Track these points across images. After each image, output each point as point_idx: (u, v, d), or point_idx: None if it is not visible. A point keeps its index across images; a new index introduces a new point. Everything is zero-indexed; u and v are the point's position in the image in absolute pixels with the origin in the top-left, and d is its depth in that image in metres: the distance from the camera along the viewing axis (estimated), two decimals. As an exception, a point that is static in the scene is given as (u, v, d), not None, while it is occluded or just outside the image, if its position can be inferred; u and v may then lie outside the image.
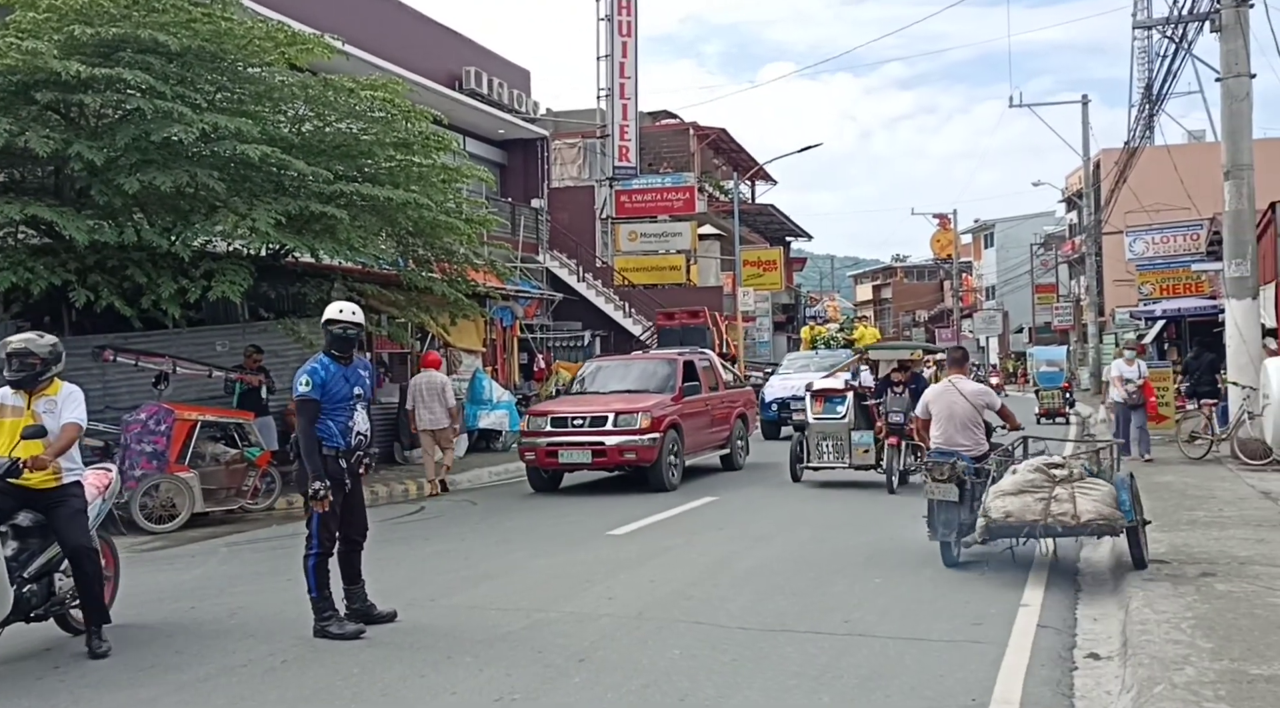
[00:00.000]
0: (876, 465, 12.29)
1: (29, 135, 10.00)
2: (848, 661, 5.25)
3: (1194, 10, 14.75)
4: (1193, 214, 29.06)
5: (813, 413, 12.62)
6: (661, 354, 15.41)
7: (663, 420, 12.61)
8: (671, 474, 12.69)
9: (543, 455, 12.60)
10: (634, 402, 12.81)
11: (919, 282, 79.85)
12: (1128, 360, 14.95)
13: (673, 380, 13.57)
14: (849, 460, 12.41)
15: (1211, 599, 5.93)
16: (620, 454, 12.27)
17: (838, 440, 12.48)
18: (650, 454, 12.32)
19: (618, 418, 12.41)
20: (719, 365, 15.70)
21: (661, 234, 31.66)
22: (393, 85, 13.29)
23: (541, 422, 12.85)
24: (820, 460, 12.57)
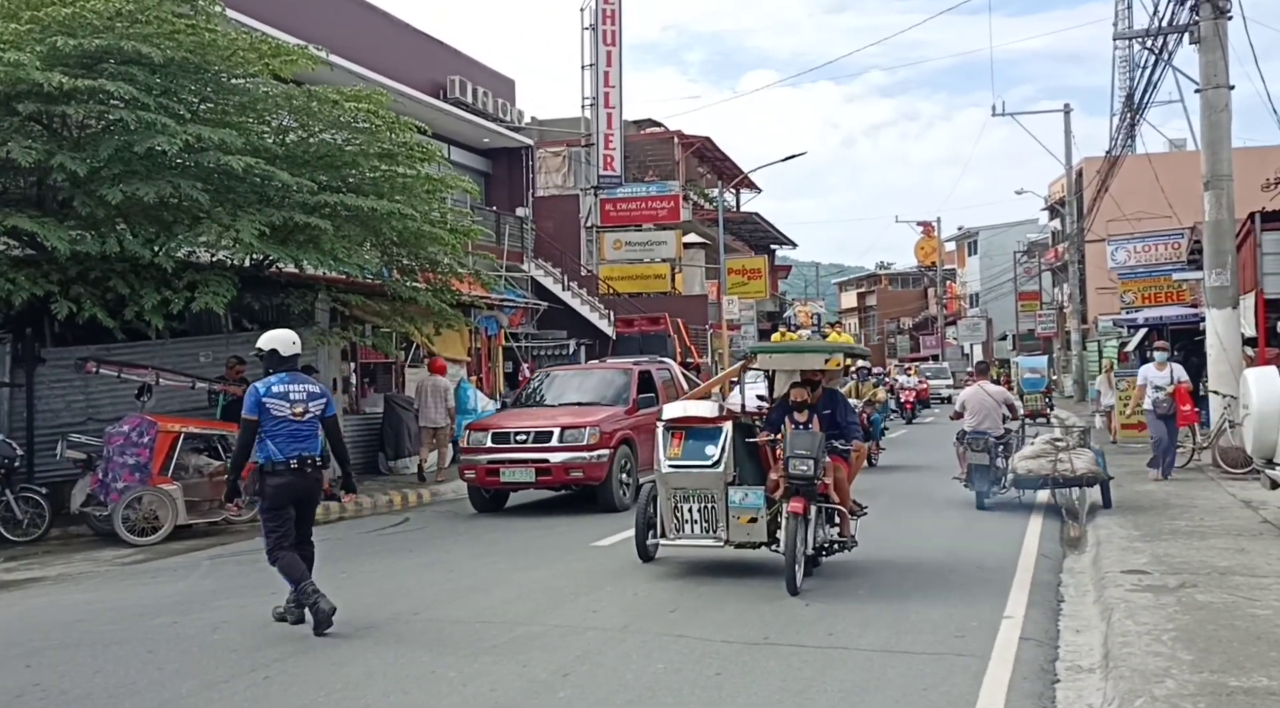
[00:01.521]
0: (770, 542, 7.58)
1: (11, 146, 9.97)
2: (831, 674, 5.26)
3: (1173, 22, 14.90)
4: (1174, 222, 29.31)
5: (667, 457, 7.79)
6: (616, 364, 14.35)
7: (613, 436, 11.78)
8: (623, 493, 11.81)
9: (483, 474, 11.83)
10: (583, 415, 11.94)
11: (903, 289, 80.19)
12: (1158, 364, 13.06)
13: (627, 392, 12.63)
14: (725, 534, 7.66)
15: (1192, 611, 5.98)
16: (566, 472, 11.48)
17: (707, 502, 7.71)
18: (599, 472, 11.53)
19: (564, 433, 11.59)
20: (680, 376, 14.50)
21: (646, 243, 31.72)
22: (377, 96, 13.30)
23: (482, 437, 12.04)
24: (679, 533, 7.82)
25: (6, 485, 10.74)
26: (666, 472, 7.72)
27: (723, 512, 7.61)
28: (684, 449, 7.72)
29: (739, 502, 7.54)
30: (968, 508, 11.45)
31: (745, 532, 7.54)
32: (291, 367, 6.72)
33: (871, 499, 12.52)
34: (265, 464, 6.53)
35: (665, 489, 7.77)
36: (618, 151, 30.06)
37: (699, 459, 7.66)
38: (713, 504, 7.65)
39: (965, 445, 11.61)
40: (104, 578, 8.92)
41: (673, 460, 7.73)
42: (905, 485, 14.01)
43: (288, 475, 6.54)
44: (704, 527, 7.69)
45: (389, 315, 14.74)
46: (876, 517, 10.91)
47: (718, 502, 7.63)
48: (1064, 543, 9.38)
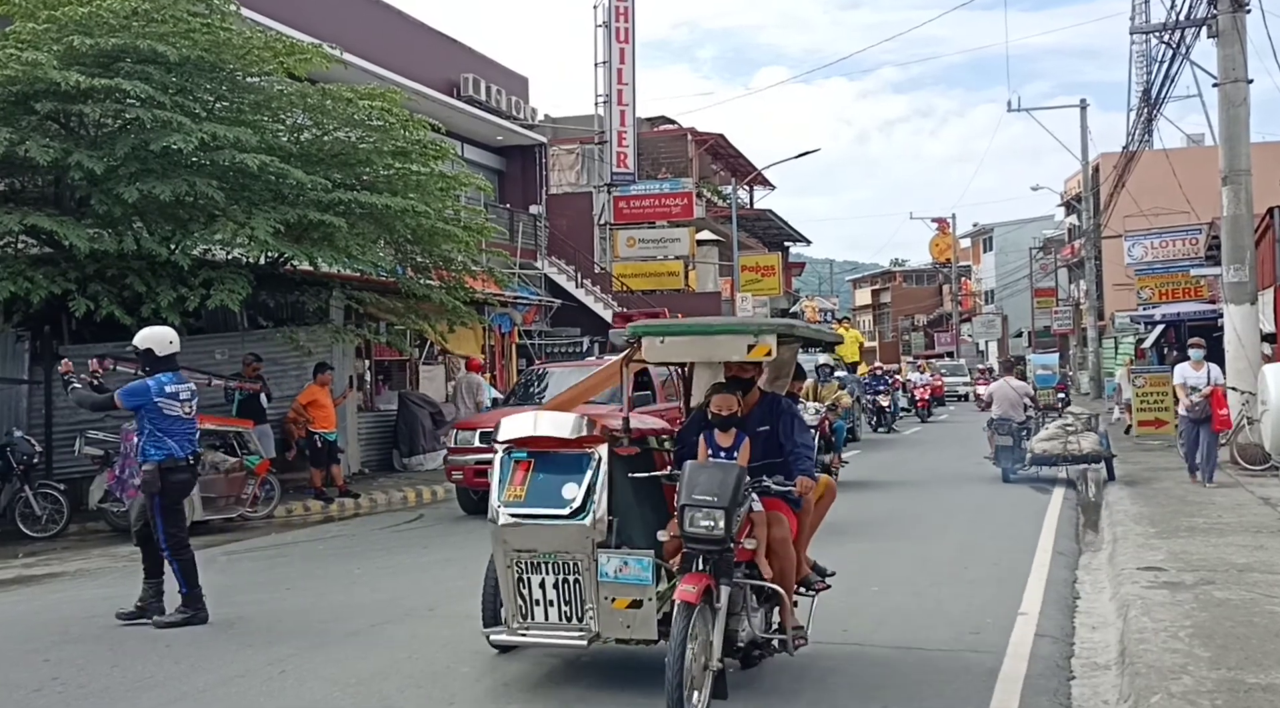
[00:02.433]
0: (657, 638, 4.78)
1: (29, 145, 10.03)
2: (845, 671, 5.25)
3: (1191, 16, 14.79)
4: (1191, 218, 29.09)
5: (503, 500, 5.05)
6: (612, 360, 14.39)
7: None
8: None
9: (471, 475, 11.25)
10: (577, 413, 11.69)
11: (918, 286, 79.86)
12: (1194, 363, 12.07)
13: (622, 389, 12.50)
14: (595, 624, 4.88)
15: (1210, 607, 5.94)
16: None
17: (566, 574, 4.97)
18: None
19: None
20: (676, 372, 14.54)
21: (660, 240, 31.67)
22: (391, 94, 13.33)
23: (470, 436, 11.54)
24: (525, 620, 5.04)
25: (26, 482, 10.84)
26: (503, 524, 4.91)
27: (591, 589, 4.78)
28: (530, 489, 4.96)
29: (613, 574, 4.67)
30: (980, 505, 11.42)
31: (624, 622, 4.70)
32: (171, 365, 6.74)
33: (883, 496, 12.61)
34: (167, 462, 6.59)
35: (502, 551, 4.94)
36: (631, 149, 30.03)
37: (552, 505, 4.87)
38: (575, 577, 4.83)
39: (993, 430, 13.82)
40: (121, 573, 8.98)
41: (512, 505, 4.93)
42: (917, 482, 13.97)
43: (187, 473, 6.77)
44: (563, 612, 4.88)
45: (403, 313, 14.78)
46: (889, 515, 10.93)
47: (583, 573, 4.80)
48: (1080, 540, 9.34)
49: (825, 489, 5.51)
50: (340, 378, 14.23)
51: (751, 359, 4.98)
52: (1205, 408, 11.62)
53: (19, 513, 10.77)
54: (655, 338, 5.18)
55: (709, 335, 5.17)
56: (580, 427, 5.00)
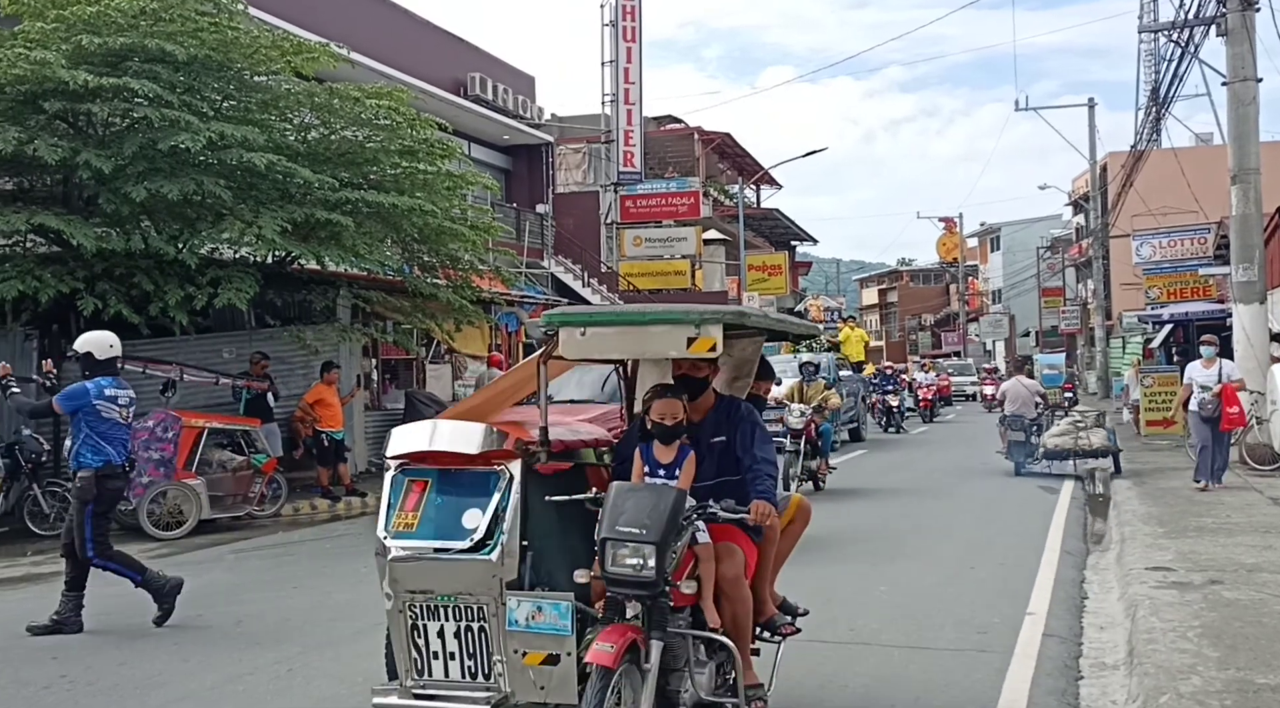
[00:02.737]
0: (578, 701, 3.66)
1: (37, 144, 10.06)
2: (852, 670, 5.24)
3: (1200, 14, 14.74)
4: (1200, 217, 28.98)
5: (392, 528, 4.09)
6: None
7: None
8: None
9: None
10: (573, 413, 11.12)
11: (925, 285, 79.72)
12: (1205, 360, 11.71)
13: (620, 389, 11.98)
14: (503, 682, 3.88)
15: (1219, 607, 5.92)
16: None
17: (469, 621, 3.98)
18: None
19: None
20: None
21: (666, 239, 31.65)
22: (398, 93, 13.35)
23: None
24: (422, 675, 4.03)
25: (34, 480, 10.87)
26: (392, 560, 4.03)
27: (498, 639, 3.89)
28: (424, 516, 4.07)
29: (524, 622, 3.76)
30: (988, 505, 11.40)
31: (538, 681, 3.80)
32: (111, 370, 6.66)
33: (890, 496, 12.57)
34: (105, 469, 6.51)
35: (394, 592, 4.03)
36: (638, 148, 30.04)
37: (449, 536, 3.99)
38: (481, 624, 3.93)
39: (1006, 426, 14.73)
40: (129, 572, 9.00)
41: (402, 536, 4.04)
42: (925, 481, 13.94)
43: (122, 480, 6.73)
44: (466, 667, 3.98)
45: (410, 312, 14.79)
46: (896, 514, 10.91)
47: (489, 620, 3.91)
48: (1088, 539, 9.32)
49: (796, 511, 4.75)
50: (347, 377, 14.24)
51: (695, 356, 3.93)
52: (1217, 407, 11.24)
53: (27, 511, 10.80)
54: (575, 329, 4.05)
55: (640, 326, 4.01)
56: (487, 439, 4.01)
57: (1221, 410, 11.18)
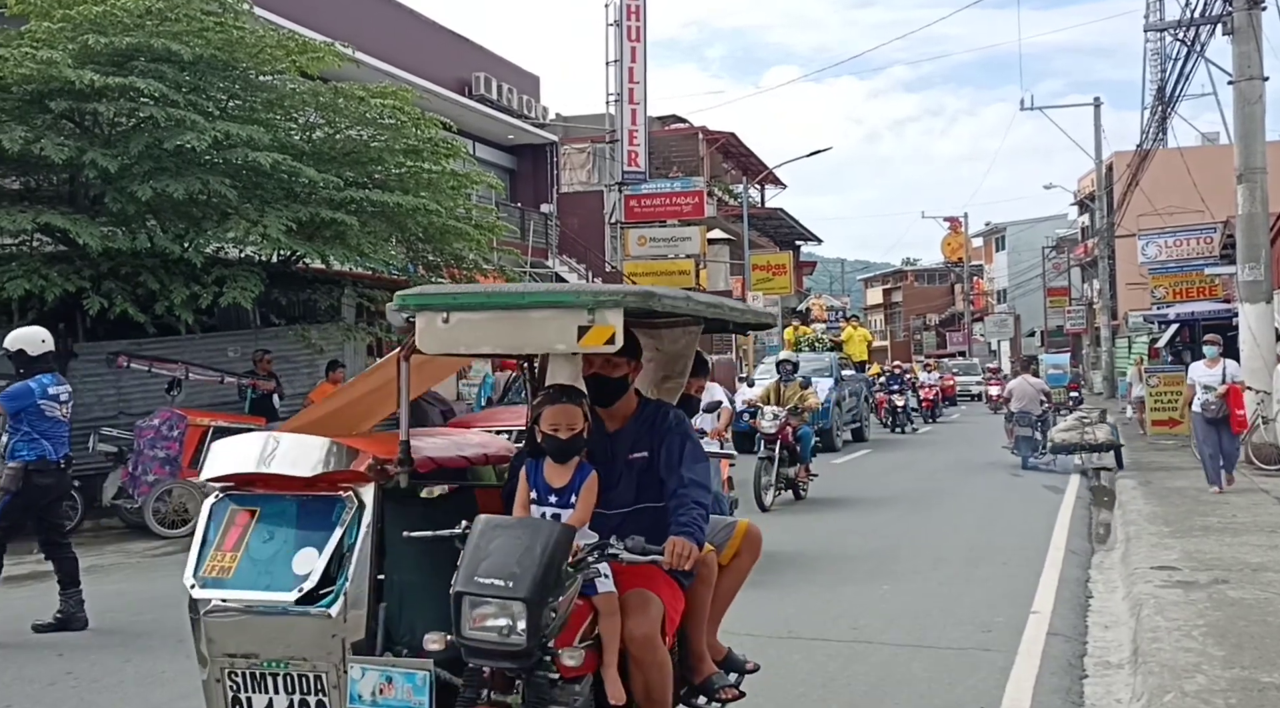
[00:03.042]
0: None
1: (44, 143, 10.09)
2: (856, 668, 5.24)
3: (1206, 13, 14.70)
4: (1206, 217, 28.88)
5: (204, 579, 3.30)
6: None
7: None
8: None
9: None
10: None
11: (929, 285, 79.61)
12: (1209, 360, 11.27)
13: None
14: None
15: (1224, 606, 5.91)
16: None
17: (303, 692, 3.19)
18: None
19: None
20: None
21: (671, 239, 31.64)
22: (402, 93, 13.36)
23: None
24: None
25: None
26: (205, 614, 3.28)
27: None
28: (245, 557, 3.28)
29: (371, 696, 3.01)
30: (992, 504, 11.39)
31: None
32: (46, 366, 6.62)
33: (893, 496, 12.55)
34: (37, 463, 6.45)
35: (209, 655, 3.29)
36: (642, 147, 30.03)
37: (276, 585, 3.20)
38: (319, 698, 3.17)
39: (1014, 422, 15.45)
40: (134, 569, 9.04)
41: (217, 584, 3.28)
42: (929, 480, 13.93)
43: (57, 476, 6.61)
44: None
45: (415, 311, 14.81)
46: (900, 514, 10.90)
47: (329, 692, 3.16)
48: (1092, 538, 9.30)
49: (742, 541, 3.85)
50: (352, 375, 14.24)
51: (590, 350, 3.02)
52: (1221, 408, 10.83)
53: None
54: (436, 314, 3.07)
55: (519, 311, 3.06)
56: (329, 457, 3.19)
57: (1230, 412, 10.85)
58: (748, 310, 4.39)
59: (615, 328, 2.95)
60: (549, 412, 3.26)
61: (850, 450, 18.48)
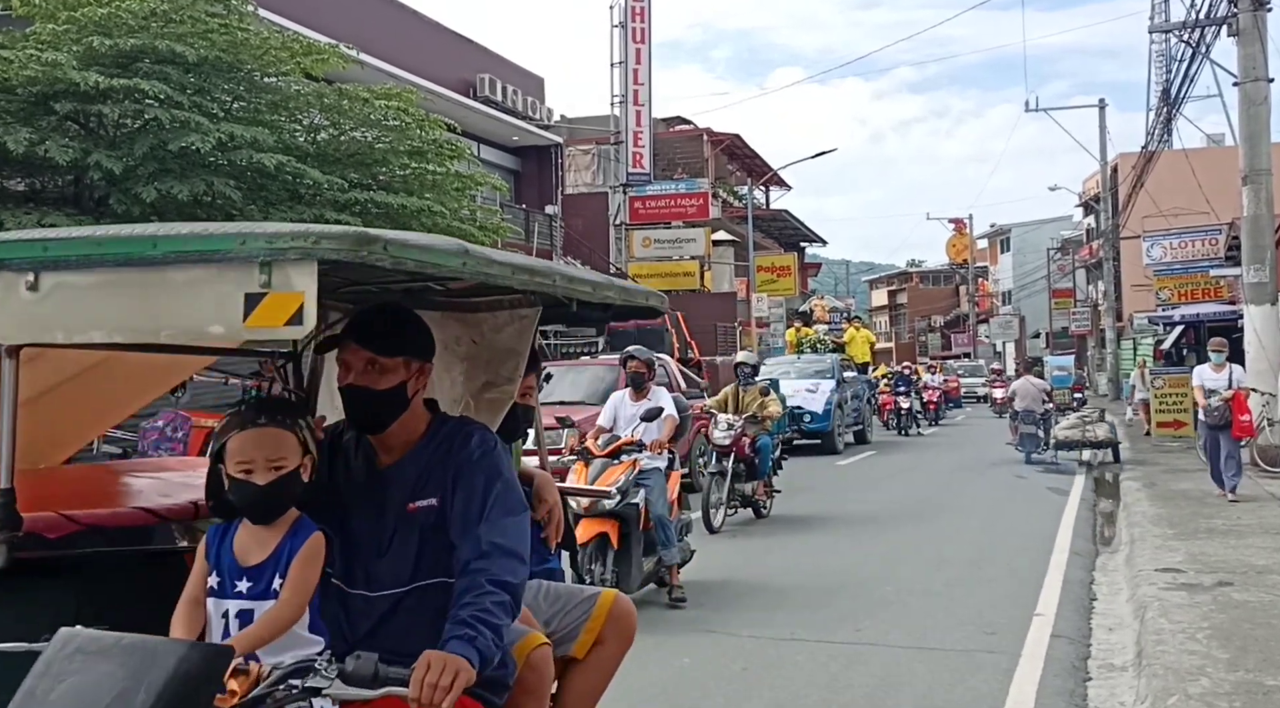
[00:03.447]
0: None
1: (49, 145, 10.12)
2: (859, 670, 5.23)
3: (1211, 15, 14.68)
4: (1212, 218, 28.81)
5: None
6: (601, 361, 13.14)
7: None
8: None
9: None
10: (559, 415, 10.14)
11: (934, 287, 79.53)
12: (1215, 365, 10.97)
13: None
14: None
15: (1228, 609, 5.89)
16: None
17: None
18: None
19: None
20: (676, 374, 13.18)
21: (675, 240, 31.67)
22: (407, 94, 13.38)
23: None
24: None
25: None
26: None
27: None
28: None
29: None
30: (996, 506, 11.38)
31: None
32: None
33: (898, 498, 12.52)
34: None
35: None
36: (647, 149, 30.04)
37: None
38: None
39: (1018, 421, 16.37)
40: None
41: None
42: (933, 482, 13.91)
43: None
44: None
45: (419, 312, 14.83)
46: (904, 516, 10.88)
47: None
48: (1096, 540, 9.28)
49: (604, 623, 2.79)
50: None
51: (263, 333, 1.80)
52: (1225, 413, 10.55)
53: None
54: (18, 275, 1.90)
55: (150, 269, 1.84)
56: None
57: (1232, 417, 10.50)
58: (601, 284, 2.70)
59: (304, 296, 1.75)
60: (236, 441, 2.18)
61: (853, 452, 18.46)
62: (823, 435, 17.92)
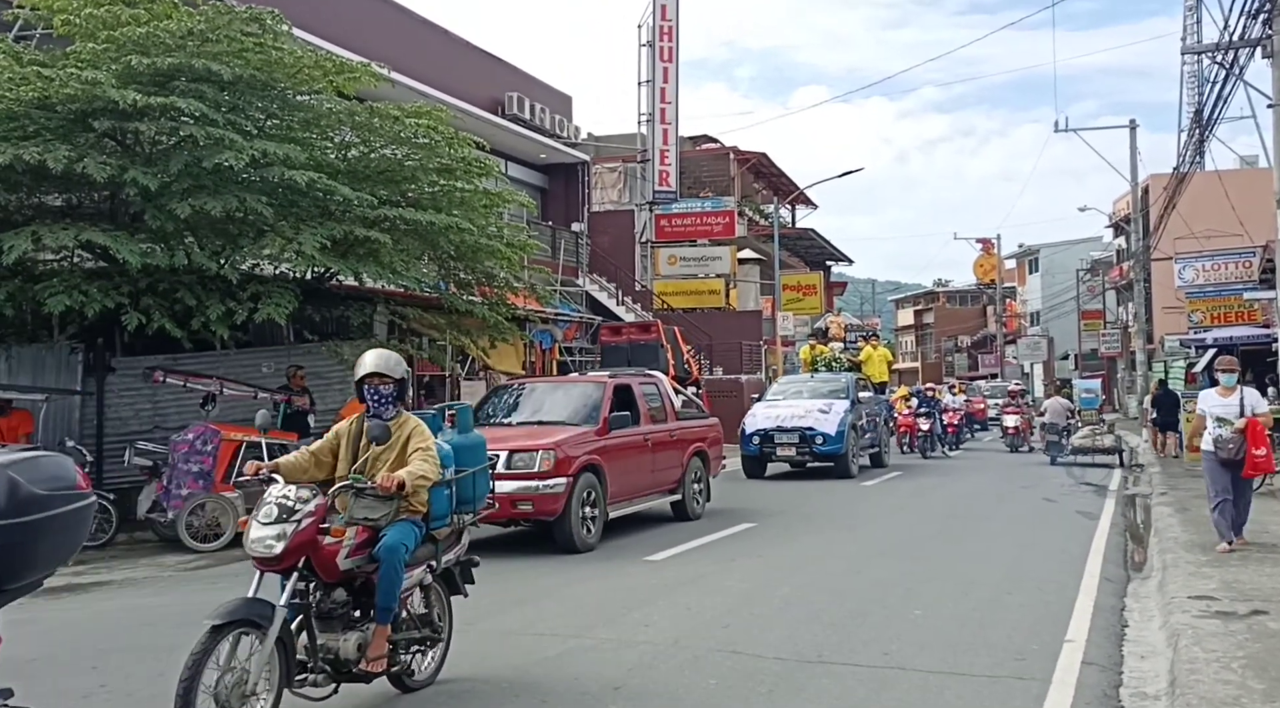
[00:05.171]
0: None
1: (87, 162, 10.28)
2: (886, 695, 5.18)
3: (1245, 36, 14.56)
4: (1245, 241, 28.53)
5: None
6: (588, 378, 12.33)
7: (573, 461, 9.84)
8: (586, 530, 9.97)
9: None
10: (538, 437, 10.04)
11: (961, 306, 79.08)
12: (1223, 388, 9.26)
13: (598, 410, 10.75)
14: None
15: (1264, 638, 5.79)
16: (512, 505, 9.45)
17: None
18: (554, 505, 9.63)
19: (511, 458, 9.59)
20: (669, 392, 12.69)
21: (701, 258, 31.73)
22: (436, 113, 13.51)
23: None
24: None
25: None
26: None
27: None
28: None
29: None
30: (1027, 530, 11.27)
31: None
32: None
33: (926, 520, 12.42)
34: None
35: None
36: (673, 167, 30.14)
37: None
38: None
39: (1046, 432, 20.91)
40: (168, 583, 9.12)
41: None
42: (958, 505, 13.78)
43: None
44: None
45: (445, 328, 14.92)
46: (933, 538, 10.80)
47: None
48: (1128, 566, 9.16)
49: None
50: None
51: None
52: (1239, 447, 8.78)
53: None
54: None
55: None
56: None
57: (1246, 452, 8.77)
58: None
59: None
60: None
61: (877, 474, 18.25)
62: (836, 458, 17.11)
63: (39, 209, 11.62)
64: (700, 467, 12.46)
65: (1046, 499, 14.27)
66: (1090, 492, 15.27)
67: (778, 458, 17.51)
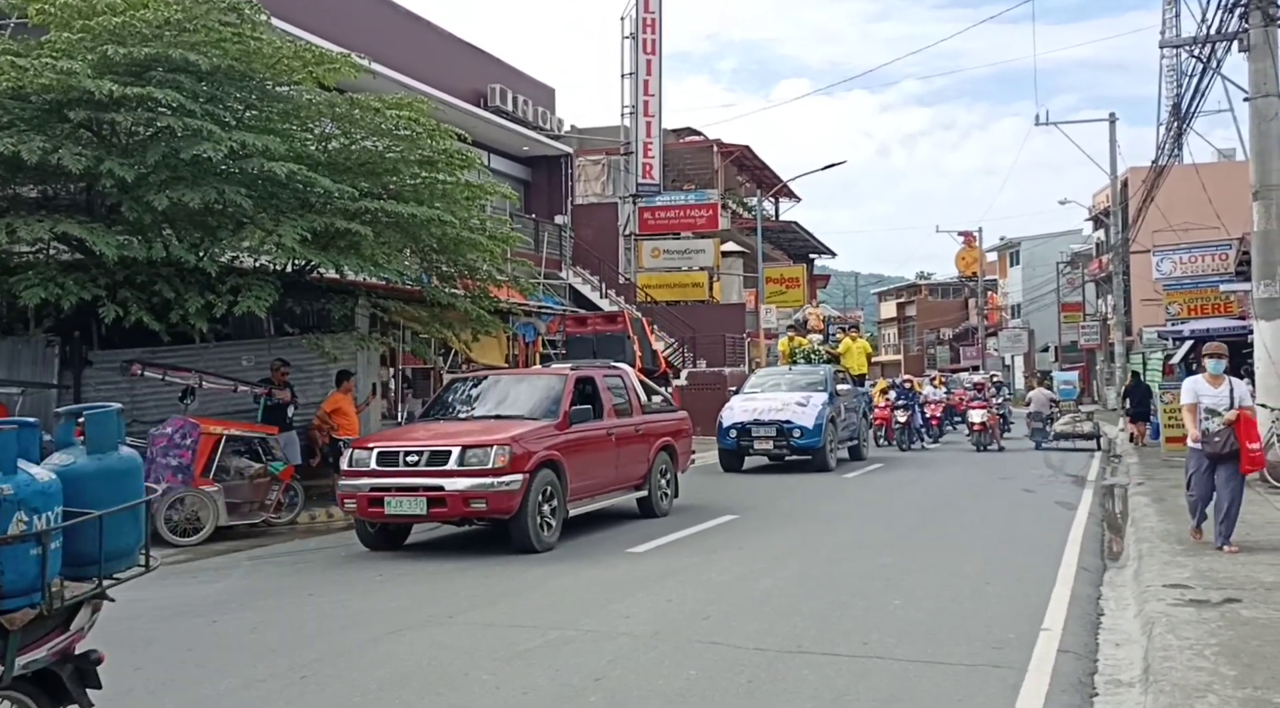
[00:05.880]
0: None
1: (62, 153, 10.19)
2: (865, 684, 5.22)
3: (1222, 30, 14.66)
4: (1222, 233, 28.79)
5: None
6: (549, 370, 11.92)
7: (529, 457, 9.35)
8: (544, 530, 9.49)
9: (365, 504, 9.35)
10: (493, 431, 9.59)
11: (943, 299, 79.47)
12: (1210, 376, 8.63)
13: (558, 404, 10.28)
14: None
15: (1236, 626, 5.86)
16: (466, 503, 9.07)
17: None
18: (509, 502, 9.14)
19: (465, 453, 9.14)
20: (636, 385, 12.17)
21: (684, 251, 31.77)
22: (418, 104, 13.45)
23: (365, 456, 9.49)
24: None
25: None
26: None
27: None
28: None
29: None
30: (1004, 520, 11.36)
31: None
32: None
33: (905, 512, 12.52)
34: None
35: None
36: (656, 160, 30.14)
37: None
38: None
39: (1031, 419, 22.90)
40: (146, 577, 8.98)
41: None
42: (938, 497, 13.88)
43: None
44: None
45: (428, 321, 14.87)
46: (912, 530, 10.88)
47: None
48: (1104, 556, 9.25)
49: None
50: (364, 384, 14.32)
51: None
52: (1229, 440, 8.25)
53: (47, 515, 10.89)
54: None
55: None
56: None
57: (1240, 446, 8.24)
58: None
59: None
60: None
61: (857, 467, 18.33)
62: (813, 452, 16.94)
63: (14, 201, 11.51)
64: (668, 462, 12.06)
65: (1025, 490, 14.38)
66: (1069, 482, 15.40)
67: (755, 452, 17.43)
